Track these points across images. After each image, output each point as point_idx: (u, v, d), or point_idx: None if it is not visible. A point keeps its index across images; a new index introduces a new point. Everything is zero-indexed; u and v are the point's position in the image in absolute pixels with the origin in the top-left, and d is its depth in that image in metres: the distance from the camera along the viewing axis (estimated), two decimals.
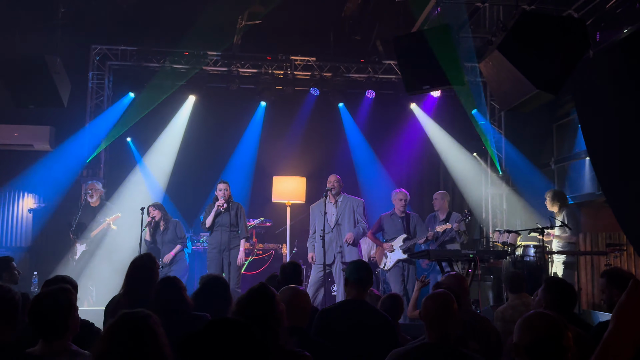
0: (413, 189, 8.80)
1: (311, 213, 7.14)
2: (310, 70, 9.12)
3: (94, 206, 7.62)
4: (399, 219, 7.21)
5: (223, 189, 6.97)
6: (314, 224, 7.02)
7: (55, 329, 2.58)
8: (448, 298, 2.81)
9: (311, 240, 7.01)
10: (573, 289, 3.56)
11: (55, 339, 2.58)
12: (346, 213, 6.90)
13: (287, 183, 8.19)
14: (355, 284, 3.53)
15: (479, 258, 6.14)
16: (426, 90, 5.95)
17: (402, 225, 7.19)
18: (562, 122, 9.05)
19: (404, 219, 7.22)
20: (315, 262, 6.82)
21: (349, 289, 3.56)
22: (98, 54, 8.69)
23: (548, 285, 3.45)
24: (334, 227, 6.82)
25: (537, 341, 2.01)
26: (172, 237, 7.37)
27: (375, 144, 9.52)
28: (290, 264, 4.39)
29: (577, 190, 8.44)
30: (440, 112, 9.42)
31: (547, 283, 3.50)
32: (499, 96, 4.64)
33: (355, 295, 3.51)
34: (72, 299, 2.67)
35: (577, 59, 4.07)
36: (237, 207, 7.04)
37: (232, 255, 6.89)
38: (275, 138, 9.35)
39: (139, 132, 9.02)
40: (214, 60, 8.93)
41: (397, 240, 7.11)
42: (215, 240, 6.93)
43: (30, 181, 9.24)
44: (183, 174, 9.05)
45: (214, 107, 9.22)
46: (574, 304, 3.52)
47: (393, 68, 9.13)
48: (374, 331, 3.33)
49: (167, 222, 7.39)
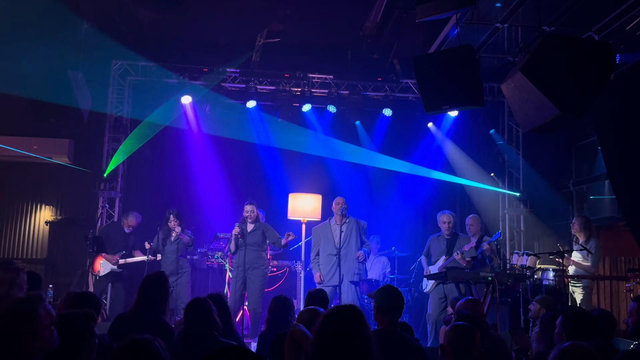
0: (429, 208, 8.74)
1: (314, 235, 7.24)
2: (328, 87, 9.16)
3: (127, 232, 7.71)
4: (445, 241, 7.22)
5: (250, 211, 7.08)
6: (317, 246, 7.12)
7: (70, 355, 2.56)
8: (469, 331, 2.76)
9: (315, 261, 7.09)
10: (592, 318, 3.46)
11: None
12: (353, 234, 6.99)
13: (303, 200, 8.17)
14: (388, 312, 3.26)
15: (497, 281, 6.05)
16: (445, 110, 5.91)
17: (446, 247, 7.16)
18: (582, 144, 8.95)
19: (449, 240, 7.21)
20: (324, 281, 6.85)
21: (381, 318, 3.27)
22: (119, 70, 8.80)
23: (566, 317, 3.34)
24: (341, 249, 6.86)
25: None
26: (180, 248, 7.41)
27: (392, 162, 9.49)
28: (318, 291, 4.33)
29: (596, 213, 8.32)
30: (458, 132, 9.38)
31: (565, 315, 3.37)
32: (520, 118, 4.60)
33: (387, 325, 3.25)
34: (92, 326, 2.65)
35: (603, 82, 4.02)
36: (264, 228, 7.12)
37: (254, 275, 6.91)
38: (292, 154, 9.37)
39: (157, 147, 9.09)
40: (232, 77, 9.00)
41: (440, 262, 7.10)
42: (239, 259, 6.99)
43: (48, 193, 9.34)
44: (199, 189, 9.08)
45: (231, 123, 9.26)
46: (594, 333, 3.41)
47: (410, 87, 9.13)
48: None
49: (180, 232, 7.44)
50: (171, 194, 8.89)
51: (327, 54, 9.08)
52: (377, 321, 3.33)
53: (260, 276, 6.98)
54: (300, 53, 8.88)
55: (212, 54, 8.73)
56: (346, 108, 9.27)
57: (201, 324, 3.24)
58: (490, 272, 6.01)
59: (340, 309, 2.29)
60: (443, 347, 2.83)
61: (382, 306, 3.27)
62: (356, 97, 9.20)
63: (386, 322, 3.26)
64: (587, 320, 3.28)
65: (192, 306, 3.42)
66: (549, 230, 8.46)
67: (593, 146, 8.41)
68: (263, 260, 7.08)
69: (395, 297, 3.32)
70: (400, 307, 3.33)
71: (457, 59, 5.28)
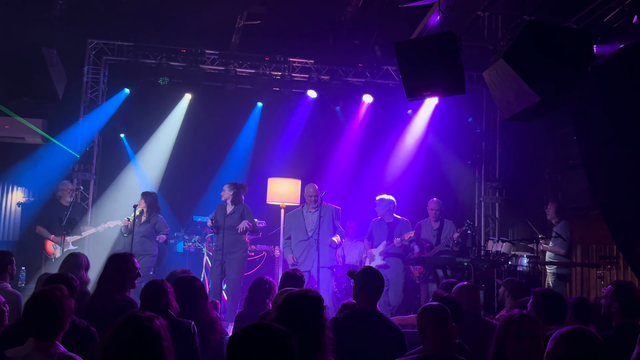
0: (407, 194, 8.79)
1: (286, 222, 7.39)
2: (308, 72, 9.10)
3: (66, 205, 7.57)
4: (385, 225, 7.47)
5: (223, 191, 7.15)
6: (289, 231, 7.28)
7: (49, 331, 2.54)
8: (443, 312, 2.84)
9: (287, 244, 7.25)
10: (563, 300, 3.55)
11: (47, 340, 2.53)
12: (325, 221, 7.07)
13: (282, 185, 8.13)
14: (369, 293, 3.41)
15: (473, 266, 6.16)
16: (426, 97, 5.93)
17: (387, 231, 7.45)
18: (558, 134, 9.09)
19: (390, 224, 7.47)
20: (298, 263, 6.97)
21: (362, 299, 3.42)
22: (94, 49, 8.59)
23: (537, 299, 3.43)
24: (313, 235, 6.95)
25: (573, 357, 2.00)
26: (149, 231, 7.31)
27: (371, 148, 9.51)
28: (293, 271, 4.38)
29: (570, 202, 8.47)
30: (437, 119, 9.43)
31: (536, 296, 3.46)
32: (501, 105, 4.64)
33: (368, 305, 3.40)
34: (70, 302, 2.63)
35: (583, 71, 4.08)
36: (243, 209, 7.08)
37: (233, 260, 6.89)
38: (271, 139, 9.32)
39: (133, 129, 8.94)
40: (211, 59, 8.87)
41: (380, 246, 7.38)
42: (219, 242, 6.98)
43: (21, 175, 9.11)
44: (176, 173, 8.98)
45: (210, 106, 9.16)
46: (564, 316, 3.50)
47: (391, 73, 9.13)
48: (385, 342, 3.25)
49: (150, 215, 7.33)
50: (147, 176, 8.77)
51: (308, 38, 8.99)
52: (358, 301, 3.46)
53: (238, 261, 6.94)
54: (280, 36, 8.77)
55: (190, 35, 8.57)
56: (326, 93, 9.22)
57: (155, 306, 3.23)
58: (466, 258, 6.12)
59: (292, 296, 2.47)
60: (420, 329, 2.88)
61: (364, 288, 3.41)
62: (337, 83, 9.17)
63: (367, 301, 3.40)
64: (557, 301, 3.36)
65: (146, 288, 3.46)
66: (524, 218, 8.59)
67: (569, 136, 8.55)
68: (241, 244, 7.02)
69: (377, 280, 3.46)
70: (381, 288, 3.49)
71: (439, 45, 5.28)
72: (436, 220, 7.62)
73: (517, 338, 2.39)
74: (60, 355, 2.54)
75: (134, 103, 8.71)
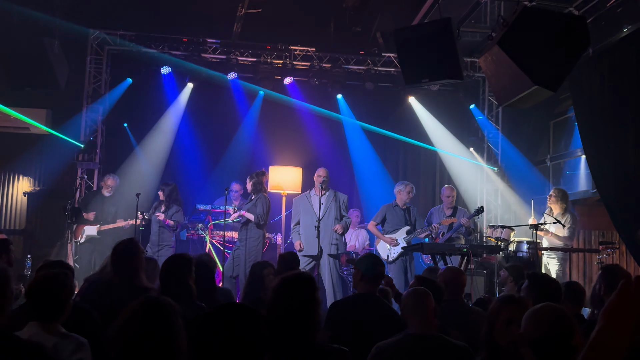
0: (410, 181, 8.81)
1: (294, 206, 7.23)
2: (310, 60, 9.10)
3: (107, 195, 7.66)
4: (401, 211, 7.29)
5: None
6: (297, 216, 7.12)
7: (54, 311, 2.60)
8: (422, 293, 2.91)
9: (296, 230, 7.10)
10: (558, 284, 3.58)
11: (50, 321, 2.59)
12: (333, 207, 6.99)
13: (284, 173, 8.19)
14: (372, 279, 3.52)
15: (472, 252, 6.20)
16: (425, 84, 5.94)
17: (404, 217, 7.25)
18: (559, 120, 9.07)
19: (405, 211, 7.28)
20: (304, 249, 6.89)
21: (364, 284, 3.52)
22: (96, 39, 8.63)
23: (532, 281, 3.44)
24: (321, 220, 6.86)
25: (544, 338, 1.85)
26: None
27: (373, 136, 9.52)
28: (289, 253, 4.46)
29: (571, 188, 8.48)
30: (439, 107, 9.42)
31: (531, 279, 3.47)
32: (497, 91, 4.65)
33: (369, 290, 3.51)
34: (72, 284, 2.70)
35: (577, 56, 4.08)
36: (256, 200, 7.05)
37: (247, 247, 6.92)
38: (273, 127, 9.34)
39: (136, 118, 9.00)
40: (212, 47, 8.89)
41: (400, 232, 7.16)
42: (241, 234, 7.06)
43: (26, 164, 9.22)
44: (179, 161, 9.04)
45: (212, 95, 9.19)
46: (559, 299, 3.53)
47: (392, 61, 9.11)
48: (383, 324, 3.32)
49: (168, 206, 7.40)
50: (151, 166, 8.84)
51: (310, 26, 8.98)
52: (360, 286, 3.56)
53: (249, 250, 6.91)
54: (282, 25, 8.77)
55: (192, 24, 8.59)
56: (328, 81, 9.22)
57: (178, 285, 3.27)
58: (465, 244, 6.15)
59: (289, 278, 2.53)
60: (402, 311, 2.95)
61: (368, 273, 3.52)
62: (338, 71, 9.16)
63: (368, 287, 3.51)
64: (552, 285, 3.38)
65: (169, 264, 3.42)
66: (525, 204, 8.60)
67: (570, 122, 8.53)
68: (252, 232, 6.97)
69: (379, 265, 3.61)
70: (382, 273, 3.65)
71: (437, 32, 5.30)
72: (449, 208, 7.57)
73: (508, 324, 2.37)
74: (63, 334, 2.61)
75: (136, 92, 8.76)
